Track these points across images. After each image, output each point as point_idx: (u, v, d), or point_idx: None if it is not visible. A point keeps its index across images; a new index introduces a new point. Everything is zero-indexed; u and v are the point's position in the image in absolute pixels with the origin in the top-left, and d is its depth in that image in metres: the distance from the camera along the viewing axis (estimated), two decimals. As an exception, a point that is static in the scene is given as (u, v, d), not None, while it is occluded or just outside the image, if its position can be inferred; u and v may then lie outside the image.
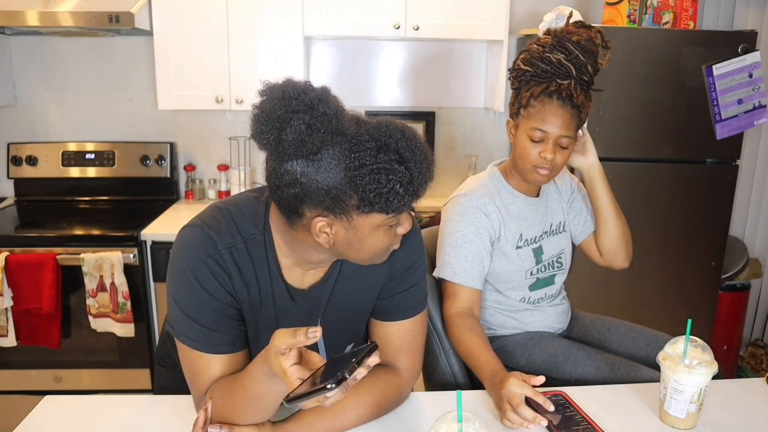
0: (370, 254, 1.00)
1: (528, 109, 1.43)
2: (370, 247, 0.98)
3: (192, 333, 1.03)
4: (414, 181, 0.91)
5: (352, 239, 0.96)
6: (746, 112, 2.39)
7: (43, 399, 1.19)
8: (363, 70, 3.00)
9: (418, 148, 0.92)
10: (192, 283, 1.01)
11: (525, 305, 1.57)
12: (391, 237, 0.99)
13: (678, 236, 2.49)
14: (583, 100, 1.41)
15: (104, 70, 2.88)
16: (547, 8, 2.61)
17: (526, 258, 1.54)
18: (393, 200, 0.91)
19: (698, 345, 1.12)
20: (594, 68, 1.43)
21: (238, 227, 1.04)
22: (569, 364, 1.45)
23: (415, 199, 0.95)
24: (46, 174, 2.84)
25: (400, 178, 0.90)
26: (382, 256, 1.03)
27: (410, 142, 0.91)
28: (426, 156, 0.93)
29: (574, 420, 1.13)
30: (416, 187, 0.92)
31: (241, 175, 2.86)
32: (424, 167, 0.92)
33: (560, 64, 1.39)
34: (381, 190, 0.89)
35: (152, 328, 2.50)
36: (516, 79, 1.48)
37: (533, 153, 1.43)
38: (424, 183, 0.93)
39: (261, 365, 0.91)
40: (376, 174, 0.88)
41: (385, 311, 1.16)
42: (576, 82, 1.40)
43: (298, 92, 0.88)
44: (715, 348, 1.25)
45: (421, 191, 0.94)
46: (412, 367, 1.18)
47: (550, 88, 1.40)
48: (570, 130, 1.41)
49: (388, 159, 0.89)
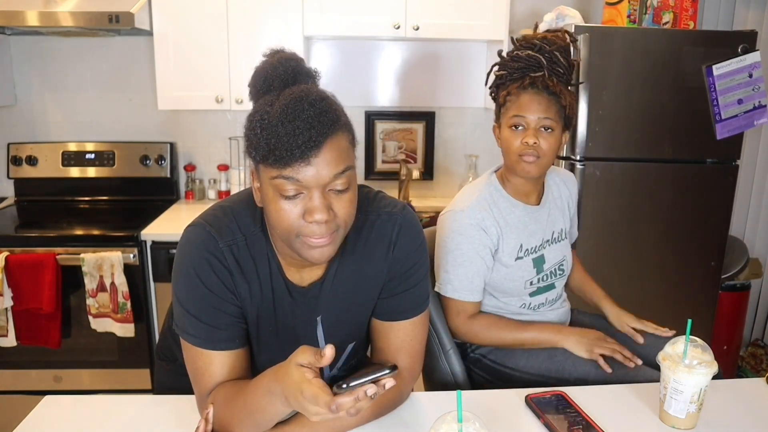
0: (277, 225, 0.95)
1: (506, 105, 1.46)
2: (273, 214, 0.95)
3: (193, 330, 1.04)
4: (279, 131, 0.88)
5: (263, 199, 0.97)
6: (746, 112, 2.39)
7: (43, 399, 1.20)
8: (363, 70, 3.00)
9: (303, 108, 0.89)
10: (193, 280, 1.02)
11: (525, 310, 1.57)
12: (292, 210, 0.93)
13: (678, 236, 2.49)
14: (561, 89, 1.42)
15: (104, 70, 2.88)
16: (547, 8, 2.62)
17: (526, 269, 1.52)
18: (255, 142, 0.92)
19: (698, 345, 1.12)
20: (567, 60, 1.45)
21: (239, 224, 1.05)
22: (569, 363, 1.45)
23: (280, 155, 0.89)
24: (46, 174, 2.84)
25: (266, 123, 0.91)
26: (292, 239, 0.96)
27: (299, 102, 0.90)
28: (307, 119, 0.89)
29: (574, 420, 1.13)
30: (280, 138, 0.88)
31: (241, 175, 2.86)
32: (300, 124, 0.88)
33: (529, 57, 1.42)
34: (249, 133, 0.93)
35: (152, 328, 2.50)
36: (495, 88, 1.52)
37: (516, 142, 1.43)
38: (293, 137, 0.88)
39: (268, 377, 0.92)
40: (252, 116, 0.93)
41: (386, 311, 1.16)
42: (550, 72, 1.42)
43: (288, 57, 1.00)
44: (715, 348, 1.25)
45: (286, 145, 0.88)
46: (412, 368, 1.18)
47: (525, 82, 1.42)
48: (550, 112, 1.41)
49: (266, 105, 0.93)
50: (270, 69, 0.98)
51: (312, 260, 0.98)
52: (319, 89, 0.97)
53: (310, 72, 1.02)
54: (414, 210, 1.01)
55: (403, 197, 2.83)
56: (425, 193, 3.11)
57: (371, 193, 1.16)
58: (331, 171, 0.91)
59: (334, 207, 0.94)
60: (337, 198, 0.95)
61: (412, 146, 3.07)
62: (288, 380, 0.86)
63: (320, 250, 0.96)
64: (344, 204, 0.96)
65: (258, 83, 0.99)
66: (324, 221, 0.93)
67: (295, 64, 1.00)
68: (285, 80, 0.97)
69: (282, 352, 0.95)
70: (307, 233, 0.94)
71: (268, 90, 0.97)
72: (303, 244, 0.96)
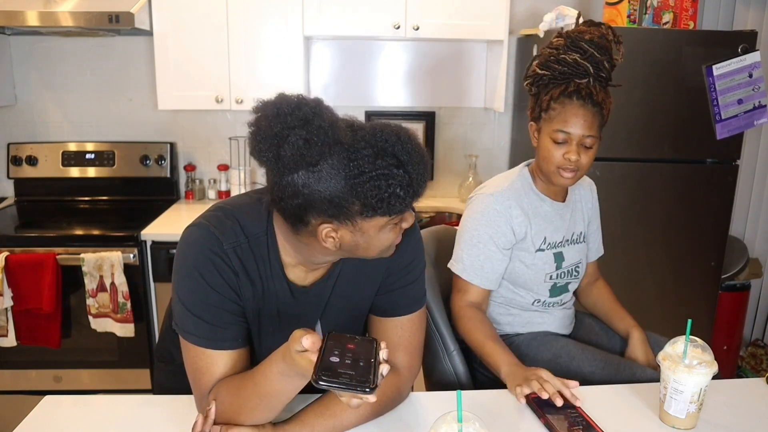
0: (377, 251, 1.03)
1: (549, 112, 1.43)
2: (376, 246, 1.01)
3: (196, 330, 1.04)
4: (413, 183, 0.94)
5: (359, 241, 0.98)
6: (746, 112, 2.39)
7: (43, 399, 1.20)
8: (363, 70, 2.99)
9: (414, 149, 0.93)
10: (197, 280, 1.02)
11: (536, 307, 1.57)
12: (396, 233, 1.02)
13: (678, 236, 2.49)
14: (603, 97, 1.41)
15: (104, 70, 2.88)
16: (547, 8, 2.61)
17: (547, 261, 1.53)
18: (394, 203, 0.93)
19: (698, 345, 1.12)
20: (610, 64, 1.43)
21: (242, 227, 1.05)
22: (573, 365, 1.45)
23: (415, 199, 0.97)
24: (46, 174, 2.84)
25: (399, 181, 0.91)
26: (389, 250, 1.06)
27: (406, 145, 0.92)
28: (422, 157, 0.95)
29: (574, 420, 1.13)
30: (416, 188, 0.95)
31: (241, 175, 2.86)
32: (422, 168, 0.94)
33: (576, 63, 1.39)
34: (382, 195, 0.91)
35: (152, 328, 2.50)
36: (533, 84, 1.48)
37: (557, 155, 1.42)
38: (423, 183, 0.96)
39: (277, 363, 0.92)
40: (375, 180, 0.90)
41: (384, 308, 1.17)
42: (594, 79, 1.40)
43: (292, 108, 0.89)
44: (715, 348, 1.25)
45: (420, 191, 0.96)
46: (410, 365, 1.18)
47: (569, 88, 1.39)
48: (593, 129, 1.41)
49: (386, 164, 0.91)
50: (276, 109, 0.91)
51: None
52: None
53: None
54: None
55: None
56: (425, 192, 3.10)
57: None
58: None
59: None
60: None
61: (412, 146, 3.06)
62: (299, 366, 0.87)
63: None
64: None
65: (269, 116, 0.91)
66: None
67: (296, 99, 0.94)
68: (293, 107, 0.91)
69: None
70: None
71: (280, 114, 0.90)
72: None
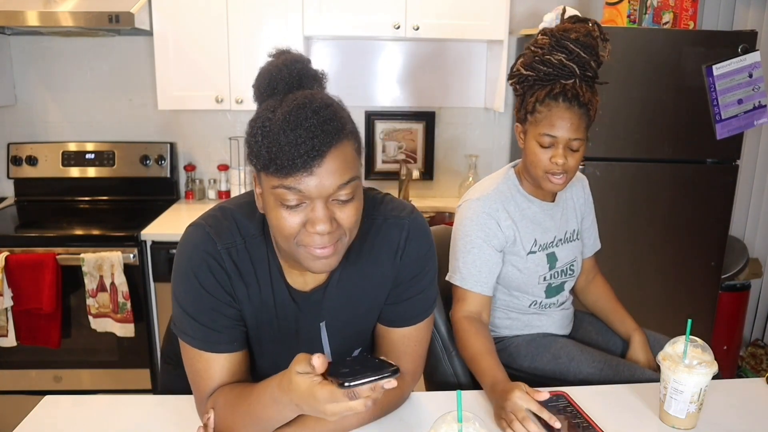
0: (278, 234, 0.94)
1: (535, 114, 1.40)
2: (274, 222, 0.93)
3: (191, 330, 1.03)
4: (281, 140, 0.86)
5: (265, 206, 0.95)
6: (746, 112, 2.39)
7: (43, 399, 1.20)
8: (363, 70, 2.99)
9: (306, 116, 0.87)
10: (191, 281, 1.02)
11: (534, 309, 1.56)
12: (293, 219, 0.91)
13: (678, 236, 2.49)
14: (590, 97, 1.38)
15: (104, 70, 2.88)
16: (547, 8, 2.61)
17: (539, 263, 1.51)
18: (256, 150, 0.89)
19: (698, 345, 1.12)
20: (597, 62, 1.40)
21: (239, 227, 1.04)
22: (573, 366, 1.44)
23: (281, 164, 0.86)
24: (46, 174, 2.83)
25: (267, 131, 0.88)
26: (294, 248, 0.94)
27: (302, 109, 0.87)
28: (310, 127, 0.86)
29: (574, 420, 1.13)
30: (282, 147, 0.86)
31: (241, 175, 2.86)
32: (303, 133, 0.86)
33: (562, 64, 1.36)
34: (251, 140, 0.91)
35: (152, 328, 2.50)
36: (518, 84, 1.45)
37: (544, 159, 1.39)
38: (296, 147, 0.86)
39: (271, 389, 0.91)
40: (254, 123, 0.91)
41: (391, 318, 1.14)
42: (580, 80, 1.37)
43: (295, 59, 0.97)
44: (715, 348, 1.25)
45: (288, 155, 0.86)
46: (414, 371, 1.17)
47: (555, 90, 1.36)
48: (579, 131, 1.38)
49: (268, 111, 0.90)
50: (275, 71, 0.95)
51: (315, 271, 0.97)
52: (325, 95, 0.94)
53: (316, 75, 0.98)
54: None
55: (403, 197, 2.83)
56: (425, 193, 3.11)
57: (378, 196, 1.13)
58: (335, 181, 0.88)
59: (337, 216, 0.92)
60: (340, 207, 0.92)
61: (412, 146, 3.07)
62: (297, 390, 0.85)
63: (323, 261, 0.94)
64: (348, 213, 0.93)
65: (262, 85, 0.96)
66: (326, 232, 0.90)
67: (300, 66, 0.96)
68: (290, 83, 0.94)
69: (285, 356, 0.93)
70: (309, 243, 0.92)
71: (272, 92, 0.94)
72: (306, 254, 0.93)
